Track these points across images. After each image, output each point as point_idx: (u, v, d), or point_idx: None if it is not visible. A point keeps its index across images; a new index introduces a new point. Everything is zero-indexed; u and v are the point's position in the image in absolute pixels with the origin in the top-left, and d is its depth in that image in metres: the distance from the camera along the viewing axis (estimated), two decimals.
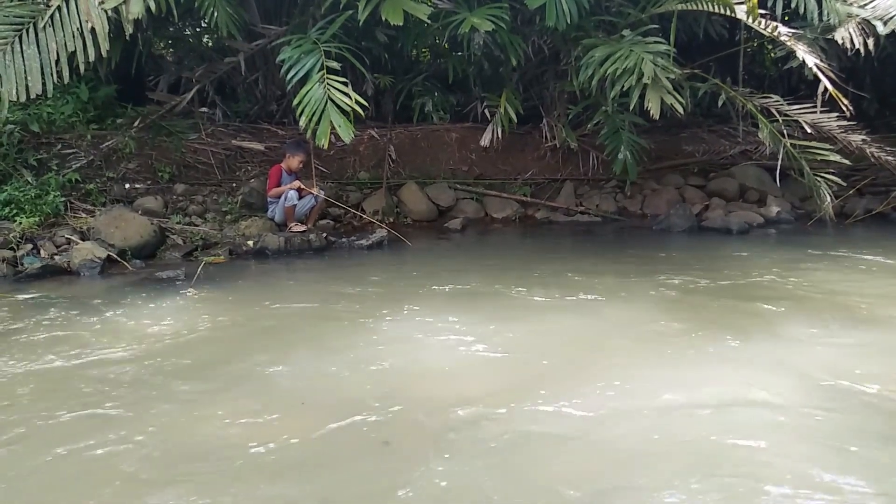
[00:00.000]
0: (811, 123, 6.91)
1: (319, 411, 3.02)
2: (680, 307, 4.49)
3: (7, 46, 5.74)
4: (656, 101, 6.49)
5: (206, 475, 2.47)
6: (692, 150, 9.07)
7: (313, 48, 6.67)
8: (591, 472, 2.47)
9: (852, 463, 2.49)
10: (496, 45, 7.69)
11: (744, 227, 7.37)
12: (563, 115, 8.46)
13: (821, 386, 3.16)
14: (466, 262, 6.06)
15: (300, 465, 2.54)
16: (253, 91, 8.55)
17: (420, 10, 6.52)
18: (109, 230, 6.02)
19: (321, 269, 5.96)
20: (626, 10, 7.49)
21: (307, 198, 6.93)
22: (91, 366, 3.51)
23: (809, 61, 6.21)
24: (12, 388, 3.24)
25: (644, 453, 2.58)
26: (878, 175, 8.08)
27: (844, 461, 2.50)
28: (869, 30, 7.05)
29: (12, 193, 6.36)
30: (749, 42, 9.42)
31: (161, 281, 5.32)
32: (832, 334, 3.92)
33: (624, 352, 3.69)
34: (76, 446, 2.69)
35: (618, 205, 8.45)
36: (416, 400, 3.09)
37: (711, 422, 2.82)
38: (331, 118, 6.08)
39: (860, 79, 8.97)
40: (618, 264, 5.79)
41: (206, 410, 3.00)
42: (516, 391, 3.15)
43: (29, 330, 4.11)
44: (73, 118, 7.41)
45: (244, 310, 4.56)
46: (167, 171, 7.46)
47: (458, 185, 8.40)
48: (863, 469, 2.44)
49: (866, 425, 2.78)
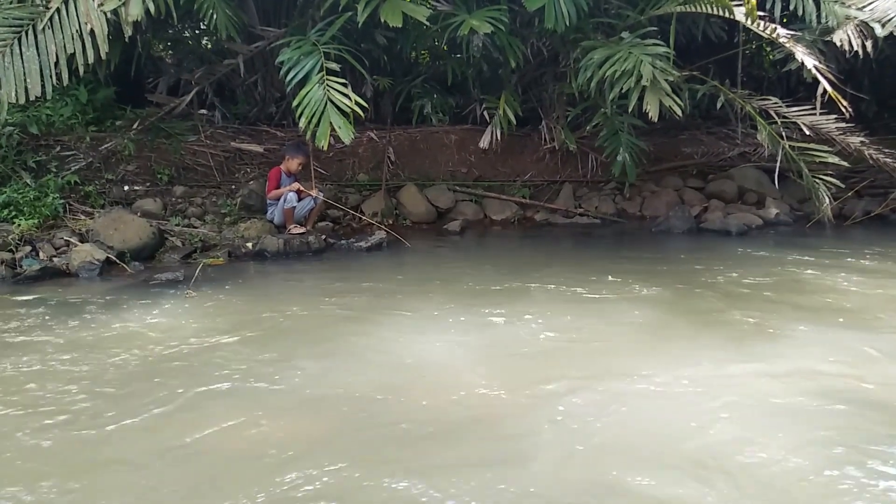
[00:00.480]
0: (810, 125, 6.91)
1: (322, 412, 3.02)
2: (679, 309, 4.49)
3: (6, 48, 5.74)
4: (655, 103, 6.49)
5: (209, 477, 2.47)
6: (691, 152, 9.08)
7: (313, 50, 6.67)
8: (589, 473, 2.46)
9: (851, 463, 2.49)
10: (495, 47, 7.69)
11: (742, 228, 7.38)
12: (562, 116, 8.47)
13: (819, 387, 3.17)
14: (465, 265, 6.06)
15: (307, 464, 2.53)
16: (252, 93, 8.55)
17: (419, 12, 6.53)
18: (108, 232, 6.02)
19: (320, 271, 5.96)
20: (625, 13, 7.50)
21: (306, 200, 6.93)
22: (90, 368, 3.51)
23: (809, 63, 6.22)
24: (8, 390, 3.23)
25: (645, 453, 2.58)
26: (876, 177, 8.09)
27: (844, 461, 2.50)
28: (867, 32, 7.06)
29: (11, 195, 6.35)
30: (748, 44, 9.43)
31: (160, 283, 5.31)
32: (831, 336, 3.92)
33: (624, 353, 3.69)
34: (74, 448, 2.68)
35: (617, 207, 8.45)
36: (416, 400, 3.10)
37: (706, 422, 2.83)
38: (330, 119, 6.08)
39: (858, 81, 8.97)
40: (617, 266, 5.79)
41: (206, 412, 2.99)
42: (518, 390, 3.15)
43: (27, 332, 4.11)
44: (73, 120, 7.41)
45: (243, 312, 4.55)
46: (166, 173, 7.46)
47: (458, 186, 8.40)
48: (861, 468, 2.45)
49: (863, 425, 2.79)
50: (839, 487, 2.35)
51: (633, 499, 2.30)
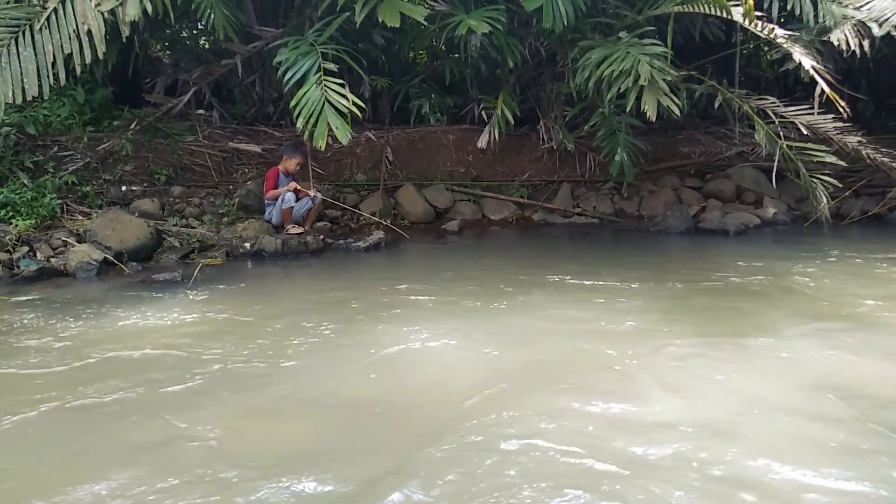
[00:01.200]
0: (807, 125, 6.93)
1: (321, 411, 3.02)
2: (677, 308, 4.49)
3: (3, 48, 5.72)
4: (653, 102, 6.50)
5: (198, 476, 2.47)
6: (689, 152, 9.10)
7: (310, 50, 6.67)
8: (588, 477, 2.47)
9: (850, 463, 2.49)
10: (493, 46, 7.70)
11: (740, 228, 7.39)
12: (559, 116, 8.48)
13: (818, 386, 3.17)
14: (464, 264, 6.06)
15: (305, 463, 2.53)
16: (250, 93, 8.55)
17: (417, 12, 6.53)
18: (106, 232, 6.01)
19: (318, 271, 5.96)
20: (623, 12, 7.51)
21: (304, 200, 6.92)
22: (88, 368, 3.50)
23: (806, 63, 6.23)
24: (6, 390, 3.23)
25: (645, 454, 2.58)
26: (873, 176, 8.10)
27: (843, 461, 2.50)
28: (864, 32, 7.07)
29: (8, 196, 6.35)
30: (745, 44, 9.44)
31: (158, 283, 5.30)
32: (829, 335, 3.92)
33: (622, 353, 3.68)
34: (72, 448, 2.68)
35: (615, 206, 8.46)
36: (415, 399, 3.10)
37: (706, 423, 2.83)
38: (328, 120, 6.08)
39: (856, 81, 9.00)
40: (615, 266, 5.79)
41: (204, 412, 2.99)
42: (514, 390, 3.15)
43: (25, 332, 4.10)
44: (70, 120, 7.40)
45: (241, 312, 4.55)
46: (164, 173, 7.45)
47: (456, 186, 8.40)
48: (861, 468, 2.45)
49: (863, 425, 2.79)
50: (847, 491, 2.35)
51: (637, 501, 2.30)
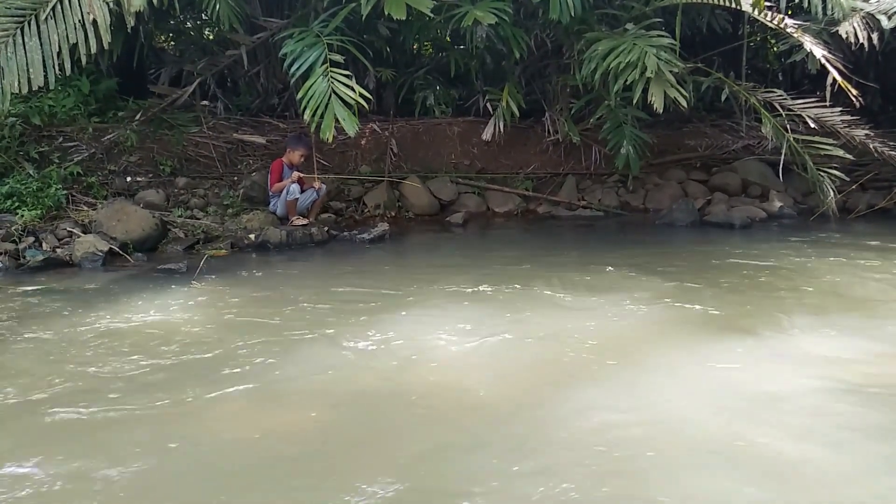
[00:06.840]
0: (814, 118, 6.89)
1: (326, 402, 3.02)
2: (684, 302, 4.48)
3: (9, 38, 5.72)
4: (660, 95, 6.47)
5: (220, 468, 2.47)
6: (695, 145, 9.05)
7: (316, 41, 6.64)
8: (597, 469, 2.46)
9: (857, 457, 2.49)
10: (499, 38, 7.66)
11: (746, 221, 7.35)
12: (565, 109, 8.44)
13: (825, 380, 3.16)
14: (468, 257, 6.05)
15: (312, 455, 2.53)
16: (254, 84, 8.53)
17: (422, 4, 6.49)
18: (111, 223, 6.01)
19: (323, 263, 5.96)
20: (630, 4, 7.46)
21: (309, 191, 6.92)
22: (93, 359, 3.50)
23: (817, 52, 6.18)
24: (12, 382, 3.23)
25: (661, 445, 2.58)
26: (881, 170, 8.05)
27: (847, 456, 2.50)
28: (873, 24, 7.03)
29: (14, 186, 6.35)
30: (752, 36, 9.39)
31: (163, 274, 5.31)
32: (835, 328, 3.91)
33: (629, 346, 3.68)
34: (73, 444, 2.69)
35: (620, 199, 8.43)
36: (421, 392, 3.10)
37: (714, 415, 2.82)
38: (335, 111, 6.06)
39: (864, 73, 8.93)
40: (620, 259, 5.77)
41: (205, 402, 2.99)
42: (521, 383, 3.16)
43: (31, 321, 4.11)
44: (75, 111, 7.40)
45: (246, 303, 4.55)
46: (169, 164, 7.45)
47: (460, 179, 8.38)
48: (865, 464, 2.44)
49: (869, 419, 2.78)
50: (848, 487, 2.34)
51: (655, 492, 2.30)
